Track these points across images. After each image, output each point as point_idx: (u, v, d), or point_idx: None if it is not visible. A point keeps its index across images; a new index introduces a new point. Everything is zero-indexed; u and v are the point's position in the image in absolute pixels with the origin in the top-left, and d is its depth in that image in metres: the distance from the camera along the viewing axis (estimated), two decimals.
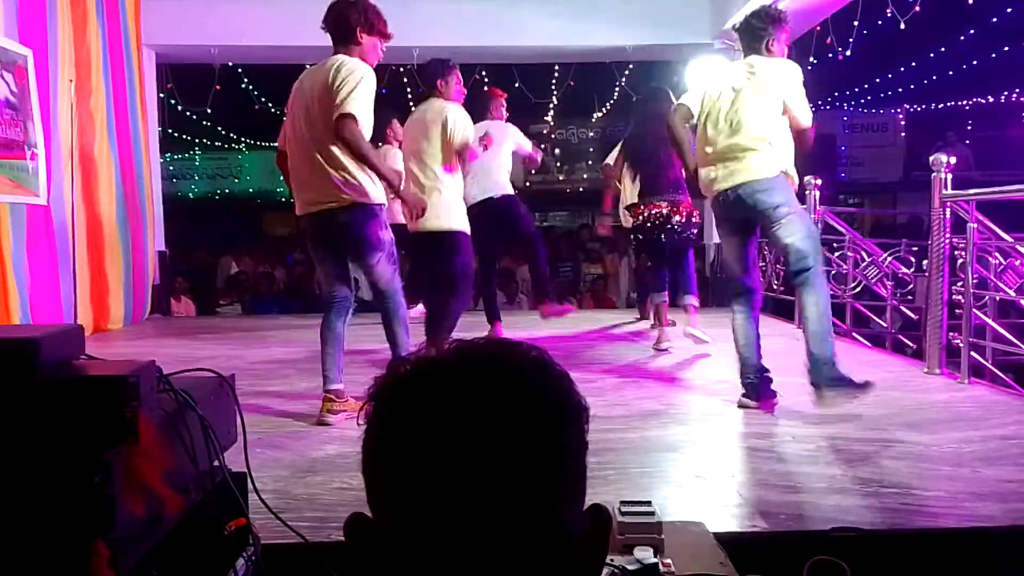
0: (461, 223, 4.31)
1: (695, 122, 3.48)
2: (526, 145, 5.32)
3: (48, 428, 1.12)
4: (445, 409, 0.63)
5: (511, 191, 5.10)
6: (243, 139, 13.08)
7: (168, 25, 6.89)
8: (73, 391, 1.15)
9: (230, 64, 7.86)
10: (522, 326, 6.12)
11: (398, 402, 0.66)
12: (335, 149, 3.13)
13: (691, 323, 4.87)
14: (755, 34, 3.38)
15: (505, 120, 5.33)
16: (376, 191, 3.22)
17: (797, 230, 3.24)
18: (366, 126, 3.14)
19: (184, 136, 11.58)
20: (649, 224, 4.81)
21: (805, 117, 3.33)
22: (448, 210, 4.26)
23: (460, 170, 4.39)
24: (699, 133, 3.45)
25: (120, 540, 1.10)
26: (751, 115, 3.29)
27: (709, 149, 3.39)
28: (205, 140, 12.47)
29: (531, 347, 0.70)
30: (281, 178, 3.56)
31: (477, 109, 5.02)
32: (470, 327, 5.30)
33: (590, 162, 13.35)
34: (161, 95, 7.67)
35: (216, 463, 1.50)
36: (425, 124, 4.32)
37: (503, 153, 5.08)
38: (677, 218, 4.75)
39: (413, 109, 4.83)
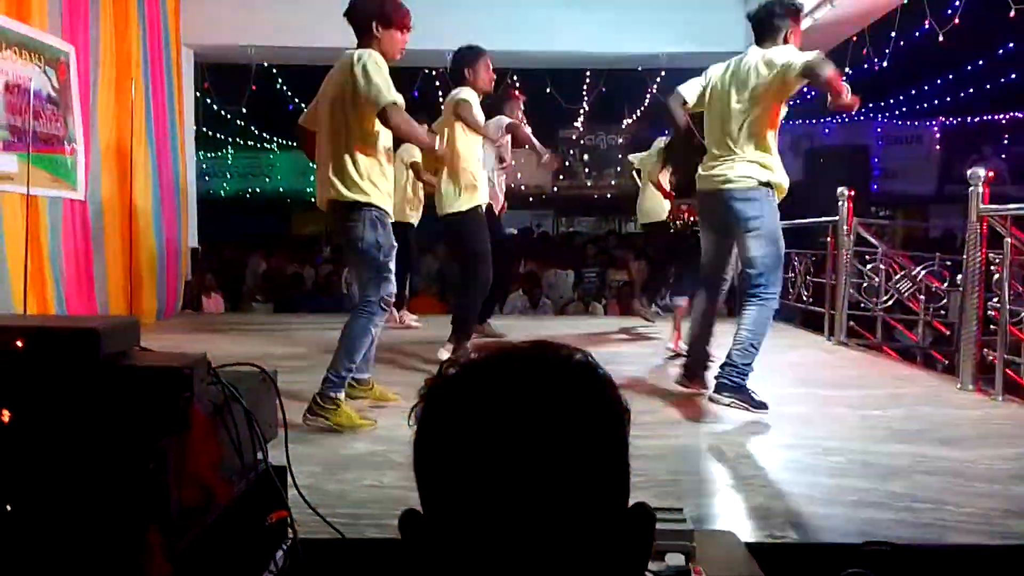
0: (464, 203, 4.44)
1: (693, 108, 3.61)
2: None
3: (107, 415, 1.15)
4: (494, 410, 0.65)
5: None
6: (275, 139, 13.24)
7: (207, 25, 7.00)
8: (131, 380, 1.18)
9: (266, 64, 7.96)
10: (545, 331, 6.14)
11: (449, 403, 0.69)
12: (341, 148, 3.15)
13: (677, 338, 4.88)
14: (772, 26, 3.40)
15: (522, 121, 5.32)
16: (375, 195, 3.17)
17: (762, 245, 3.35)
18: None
19: (218, 135, 11.74)
20: (680, 227, 4.82)
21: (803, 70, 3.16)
22: (452, 193, 4.44)
23: (473, 151, 4.49)
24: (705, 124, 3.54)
25: (172, 527, 1.14)
26: (738, 117, 3.38)
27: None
28: (238, 139, 12.63)
29: (576, 349, 0.72)
30: (312, 178, 3.62)
31: (494, 106, 5.03)
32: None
33: (618, 168, 13.33)
34: (197, 94, 7.78)
35: (259, 455, 1.53)
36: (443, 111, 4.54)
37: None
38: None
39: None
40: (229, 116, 9.60)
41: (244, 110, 8.80)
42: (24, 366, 1.17)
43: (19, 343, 1.17)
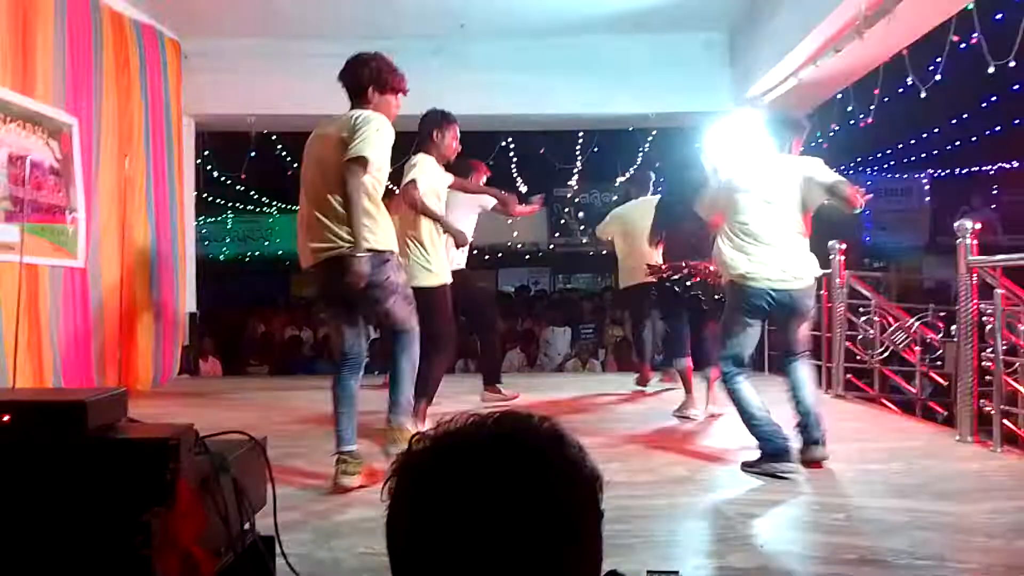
0: (436, 279, 4.25)
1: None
2: (487, 202, 5.15)
3: (92, 488, 1.16)
4: (466, 485, 0.66)
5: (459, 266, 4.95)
6: (274, 203, 13.40)
7: (208, 95, 7.17)
8: (116, 453, 1.19)
9: (265, 132, 8.13)
10: (545, 388, 6.12)
11: (420, 478, 0.70)
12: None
13: (712, 399, 4.78)
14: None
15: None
16: (385, 239, 3.20)
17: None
18: (381, 169, 3.19)
19: (217, 200, 11.90)
20: (671, 279, 4.81)
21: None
22: (420, 267, 4.22)
23: (437, 225, 4.32)
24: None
25: None
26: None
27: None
28: (237, 204, 12.79)
29: (544, 418, 0.73)
30: None
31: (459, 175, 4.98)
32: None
33: None
34: (197, 161, 7.93)
35: (247, 526, 1.53)
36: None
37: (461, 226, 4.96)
38: (699, 279, 4.74)
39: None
40: (229, 182, 9.74)
41: (244, 176, 8.94)
42: (11, 440, 1.18)
43: (6, 417, 1.18)
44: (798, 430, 3.50)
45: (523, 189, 9.12)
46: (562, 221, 14.14)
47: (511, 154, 8.85)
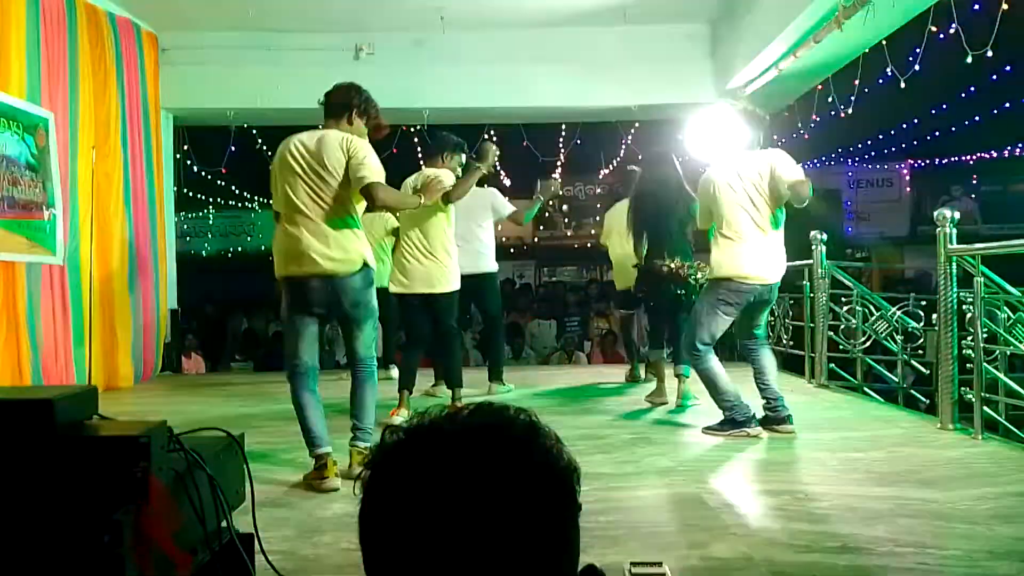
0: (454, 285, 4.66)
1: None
2: (504, 209, 5.34)
3: (61, 487, 1.13)
4: (440, 477, 0.65)
5: (489, 268, 5.27)
6: (256, 198, 13.25)
7: (186, 89, 7.09)
8: (86, 451, 1.17)
9: (245, 126, 8.04)
10: (531, 381, 6.12)
11: (394, 471, 0.68)
12: (345, 216, 3.20)
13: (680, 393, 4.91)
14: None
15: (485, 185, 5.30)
16: (372, 258, 3.32)
17: None
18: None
19: (198, 195, 11.76)
20: (653, 277, 4.87)
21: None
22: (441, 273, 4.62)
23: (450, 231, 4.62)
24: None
25: None
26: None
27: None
28: (219, 199, 12.64)
29: (520, 410, 0.72)
30: None
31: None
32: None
33: (597, 218, 13.43)
34: (177, 156, 7.83)
35: (224, 523, 1.50)
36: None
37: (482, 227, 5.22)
38: (680, 277, 4.81)
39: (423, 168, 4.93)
40: (209, 176, 9.63)
41: (224, 170, 8.83)
42: None
43: None
44: (768, 410, 4.01)
45: (507, 183, 9.08)
46: (546, 214, 14.11)
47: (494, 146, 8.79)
